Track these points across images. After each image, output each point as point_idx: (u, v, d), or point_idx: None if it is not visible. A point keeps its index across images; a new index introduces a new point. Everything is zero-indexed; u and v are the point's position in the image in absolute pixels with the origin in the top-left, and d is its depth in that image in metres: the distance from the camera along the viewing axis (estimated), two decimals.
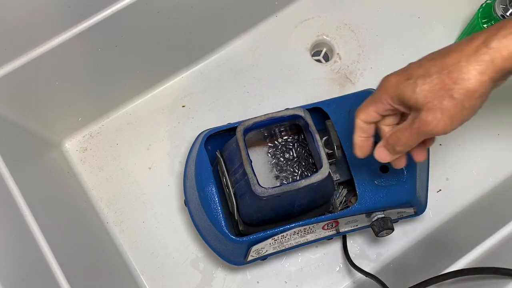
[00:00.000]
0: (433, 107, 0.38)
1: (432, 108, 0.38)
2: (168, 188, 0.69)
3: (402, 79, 0.40)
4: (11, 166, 0.54)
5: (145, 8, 0.61)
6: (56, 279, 0.50)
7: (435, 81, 0.38)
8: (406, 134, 0.41)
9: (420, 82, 0.39)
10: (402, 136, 0.41)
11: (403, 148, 0.42)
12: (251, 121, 0.52)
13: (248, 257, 0.56)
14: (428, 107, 0.38)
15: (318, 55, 0.76)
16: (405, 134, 0.41)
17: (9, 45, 0.56)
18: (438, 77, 0.38)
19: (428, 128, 0.39)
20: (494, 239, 0.49)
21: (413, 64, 0.41)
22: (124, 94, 0.72)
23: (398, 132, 0.42)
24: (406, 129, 0.41)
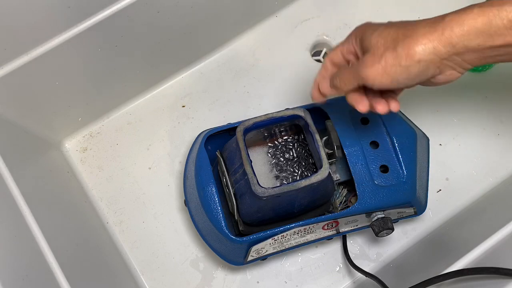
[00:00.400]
0: (376, 53, 0.41)
1: (375, 53, 0.41)
2: (168, 188, 0.69)
3: (371, 23, 0.44)
4: (11, 166, 0.54)
5: (145, 8, 0.61)
6: (56, 279, 0.50)
7: (392, 31, 0.41)
8: (345, 72, 0.44)
9: (381, 28, 0.42)
10: (341, 73, 0.44)
11: (338, 83, 0.45)
12: (251, 121, 0.52)
13: (248, 257, 0.56)
14: (373, 51, 0.41)
15: (318, 55, 0.76)
16: (344, 72, 0.44)
17: (9, 45, 0.56)
18: (395, 31, 0.40)
19: (363, 70, 0.41)
20: (494, 239, 0.49)
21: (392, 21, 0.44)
22: (124, 94, 0.72)
23: (341, 69, 0.45)
24: (346, 68, 0.44)
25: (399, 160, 0.56)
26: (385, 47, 0.40)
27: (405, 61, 0.39)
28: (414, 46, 0.39)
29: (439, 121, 0.70)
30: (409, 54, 0.39)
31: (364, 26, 0.45)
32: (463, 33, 0.38)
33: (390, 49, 0.40)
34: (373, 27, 0.43)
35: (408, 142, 0.57)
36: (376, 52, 0.41)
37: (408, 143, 0.57)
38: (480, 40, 0.38)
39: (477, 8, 0.38)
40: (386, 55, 0.40)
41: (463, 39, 0.38)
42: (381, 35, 0.41)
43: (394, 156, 0.56)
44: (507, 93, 0.71)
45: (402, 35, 0.40)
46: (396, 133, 0.57)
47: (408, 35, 0.39)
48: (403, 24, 0.41)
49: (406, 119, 0.60)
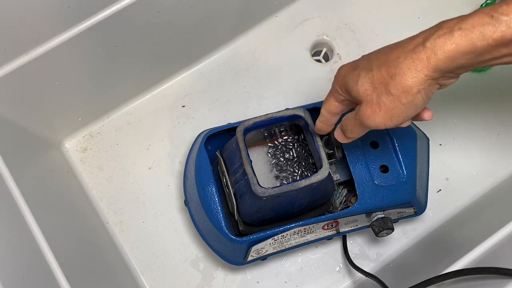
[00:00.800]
0: (371, 101, 0.40)
1: (370, 102, 0.40)
2: (168, 188, 0.69)
3: (349, 69, 0.42)
4: (11, 166, 0.54)
5: (145, 8, 0.61)
6: (56, 279, 0.50)
7: (375, 75, 0.39)
8: (351, 123, 0.44)
9: (362, 74, 0.40)
10: (349, 124, 0.44)
11: (351, 135, 0.45)
12: (251, 121, 0.52)
13: (248, 257, 0.56)
14: (367, 100, 0.40)
15: (318, 55, 0.76)
16: (351, 123, 0.44)
17: (9, 45, 0.56)
18: (378, 72, 0.39)
19: (367, 121, 0.41)
20: (494, 239, 0.49)
21: (364, 56, 0.42)
22: (124, 94, 0.72)
23: (346, 120, 0.44)
24: (351, 119, 0.43)
25: (399, 160, 0.56)
26: (377, 92, 0.39)
27: (405, 99, 0.38)
28: (406, 81, 0.37)
29: (439, 121, 0.70)
30: (406, 91, 0.38)
31: (343, 76, 0.43)
32: (449, 58, 0.36)
33: (383, 93, 0.39)
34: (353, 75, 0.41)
35: (408, 142, 0.57)
36: (370, 100, 0.39)
37: (408, 143, 0.57)
38: (468, 59, 0.36)
39: (457, 32, 0.36)
40: (383, 101, 0.39)
41: (451, 63, 0.37)
42: (365, 82, 0.40)
43: (394, 156, 0.56)
44: (507, 93, 0.71)
45: (387, 75, 0.38)
46: (396, 133, 0.57)
47: (394, 73, 0.38)
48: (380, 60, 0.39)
49: None
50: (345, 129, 0.45)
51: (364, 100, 0.40)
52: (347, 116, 0.44)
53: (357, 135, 0.45)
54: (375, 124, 0.41)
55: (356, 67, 0.41)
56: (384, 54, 0.40)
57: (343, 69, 0.43)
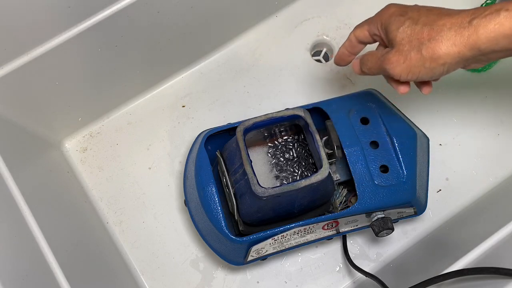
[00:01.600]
0: (401, 51, 0.41)
1: (400, 51, 0.41)
2: (168, 188, 0.69)
3: (397, 12, 0.43)
4: (11, 166, 0.54)
5: (145, 8, 0.61)
6: (56, 279, 0.50)
7: (417, 29, 0.40)
8: (372, 60, 0.45)
9: (407, 23, 0.41)
10: (370, 60, 0.45)
11: (367, 71, 0.46)
12: (251, 121, 0.52)
13: (248, 257, 0.56)
14: (398, 49, 0.41)
15: (318, 55, 0.76)
16: (372, 60, 0.45)
17: (9, 45, 0.56)
18: (421, 28, 0.40)
19: (388, 66, 0.42)
20: (494, 239, 0.49)
21: (416, 6, 0.43)
22: (124, 94, 0.72)
23: (369, 55, 0.46)
24: (373, 56, 0.45)
25: (399, 160, 0.56)
26: (410, 46, 0.40)
27: (429, 64, 0.40)
28: (439, 50, 0.39)
29: (439, 121, 0.70)
30: (434, 58, 0.39)
31: (389, 15, 0.44)
32: (490, 38, 0.37)
33: (415, 50, 0.40)
34: (398, 20, 0.42)
35: (408, 142, 0.57)
36: (401, 49, 0.41)
37: (408, 143, 0.57)
38: (506, 43, 0.37)
39: (503, 12, 0.37)
40: (411, 56, 0.40)
41: (490, 44, 0.38)
42: (406, 31, 0.41)
43: (394, 156, 0.56)
44: (507, 93, 0.71)
45: (428, 35, 0.39)
46: (396, 133, 0.57)
47: (433, 37, 0.39)
48: (429, 19, 0.40)
49: (406, 119, 0.60)
50: (365, 62, 0.46)
51: (395, 47, 0.42)
52: (372, 52, 0.46)
53: (371, 73, 0.46)
54: (393, 72, 0.42)
55: (404, 13, 0.42)
56: (434, 15, 0.41)
57: (391, 8, 0.44)
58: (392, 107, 0.60)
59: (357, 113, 0.58)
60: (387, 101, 0.60)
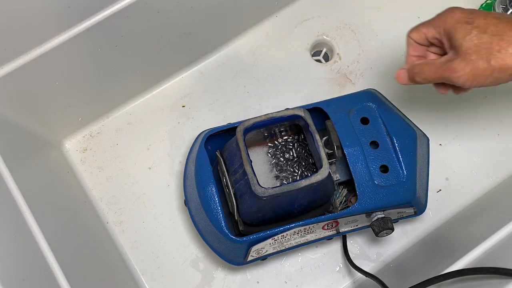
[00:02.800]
0: (468, 60, 0.40)
1: (467, 60, 0.41)
2: (168, 188, 0.69)
3: (463, 19, 0.42)
4: (11, 166, 0.54)
5: (145, 8, 0.61)
6: (56, 279, 0.50)
7: (485, 39, 0.40)
8: (432, 70, 0.44)
9: (474, 32, 0.41)
10: (427, 70, 0.44)
11: (422, 80, 0.45)
12: (251, 121, 0.52)
13: (248, 257, 0.56)
14: (465, 58, 0.41)
15: (318, 55, 0.76)
16: (431, 70, 0.44)
17: (9, 45, 0.56)
18: (490, 38, 0.40)
19: (452, 75, 0.42)
20: (494, 239, 0.49)
21: (482, 12, 0.42)
22: (124, 94, 0.72)
23: (426, 65, 0.44)
24: (434, 65, 0.43)
25: (399, 160, 0.56)
26: (478, 56, 0.40)
27: (497, 74, 0.40)
28: (509, 61, 0.39)
29: (439, 121, 0.70)
30: (503, 69, 0.40)
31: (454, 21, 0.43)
32: None
33: (483, 59, 0.40)
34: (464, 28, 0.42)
35: (408, 142, 0.57)
36: (467, 58, 0.41)
37: (408, 143, 0.57)
38: None
39: None
40: (479, 65, 0.40)
41: None
42: (473, 40, 0.41)
43: (394, 156, 0.56)
44: (507, 93, 0.71)
45: (497, 46, 0.39)
46: (396, 133, 0.57)
47: (504, 47, 0.39)
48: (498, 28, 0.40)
49: (406, 119, 0.60)
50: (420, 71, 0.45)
51: (461, 55, 0.41)
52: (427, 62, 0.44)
53: (427, 82, 0.45)
54: (458, 81, 0.42)
55: (471, 21, 0.41)
56: (503, 24, 0.40)
57: (456, 14, 0.43)
58: (392, 107, 0.60)
59: (357, 113, 0.58)
60: (387, 101, 0.60)
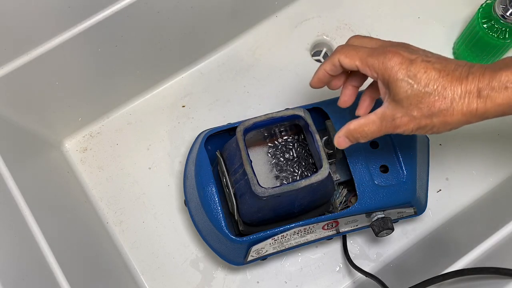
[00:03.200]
0: (410, 116, 0.41)
1: (409, 116, 0.41)
2: (168, 188, 0.69)
3: (402, 67, 0.41)
4: (11, 166, 0.54)
5: (145, 8, 0.61)
6: (56, 279, 0.50)
7: (427, 97, 0.40)
8: (374, 129, 0.43)
9: (416, 87, 0.40)
10: (369, 131, 0.44)
11: (366, 140, 0.45)
12: (251, 121, 0.52)
13: (248, 257, 0.56)
14: (406, 113, 0.41)
15: (318, 55, 0.76)
16: (373, 129, 0.43)
17: (9, 45, 0.56)
18: (431, 96, 0.40)
19: (396, 130, 0.42)
20: (494, 239, 0.49)
21: (422, 61, 0.41)
22: (124, 94, 0.72)
23: (366, 127, 0.44)
24: (374, 124, 0.43)
25: (399, 160, 0.56)
26: (420, 112, 0.40)
27: (437, 129, 0.41)
28: (450, 120, 0.40)
29: None
30: (444, 125, 0.41)
31: (391, 68, 0.41)
32: (498, 110, 0.39)
33: (425, 117, 0.40)
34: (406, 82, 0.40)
35: (408, 142, 0.57)
36: (410, 113, 0.41)
37: (408, 143, 0.57)
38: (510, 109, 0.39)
39: (510, 84, 0.38)
40: (421, 121, 0.41)
41: (496, 114, 0.39)
42: (414, 96, 0.40)
43: (394, 156, 0.56)
44: None
45: (439, 105, 0.39)
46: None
47: (445, 108, 0.40)
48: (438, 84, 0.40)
49: None
50: (361, 135, 0.44)
51: (402, 110, 0.41)
52: (366, 123, 0.43)
53: (373, 138, 0.45)
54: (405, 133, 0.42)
55: (413, 75, 0.40)
56: (443, 78, 0.40)
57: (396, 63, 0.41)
58: None
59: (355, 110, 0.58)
60: None
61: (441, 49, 0.74)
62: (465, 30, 0.70)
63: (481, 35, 0.65)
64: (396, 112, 0.41)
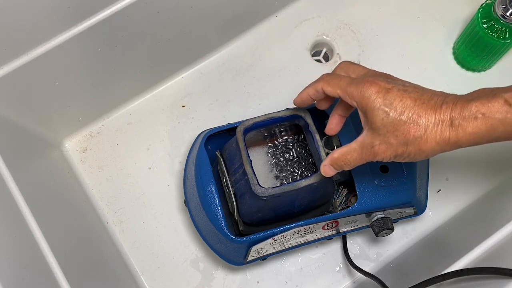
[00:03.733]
0: (388, 144, 0.42)
1: (386, 143, 0.42)
2: (168, 188, 0.69)
3: (379, 96, 0.42)
4: (11, 166, 0.54)
5: (145, 8, 0.61)
6: (56, 279, 0.50)
7: (403, 125, 0.41)
8: (356, 157, 0.45)
9: (391, 114, 0.41)
10: (351, 159, 0.45)
11: (350, 168, 0.46)
12: (251, 121, 0.52)
13: (248, 257, 0.56)
14: (384, 141, 0.42)
15: (318, 55, 0.76)
16: (355, 157, 0.45)
17: (9, 45, 0.56)
18: (407, 124, 0.41)
19: (376, 157, 0.44)
20: (494, 239, 0.49)
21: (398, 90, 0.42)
22: (124, 94, 0.72)
23: (348, 155, 0.45)
24: (355, 152, 0.45)
25: None
26: (396, 140, 0.42)
27: (413, 156, 0.42)
28: (424, 148, 0.41)
29: None
30: (419, 153, 0.42)
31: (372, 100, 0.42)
32: (470, 139, 0.40)
33: (401, 144, 0.42)
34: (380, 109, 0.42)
35: None
36: (388, 141, 0.42)
37: None
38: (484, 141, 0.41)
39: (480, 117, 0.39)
40: (398, 148, 0.42)
41: (469, 143, 0.41)
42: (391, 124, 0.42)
43: None
44: None
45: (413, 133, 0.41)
46: None
47: (419, 135, 0.41)
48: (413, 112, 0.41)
49: None
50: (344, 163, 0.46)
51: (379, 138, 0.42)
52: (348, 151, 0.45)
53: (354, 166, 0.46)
54: (383, 160, 0.44)
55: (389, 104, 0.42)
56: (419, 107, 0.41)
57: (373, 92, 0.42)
58: None
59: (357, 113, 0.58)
60: None
61: (441, 49, 0.74)
62: (465, 30, 0.70)
63: (481, 35, 0.65)
64: (374, 140, 0.43)
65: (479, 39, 0.66)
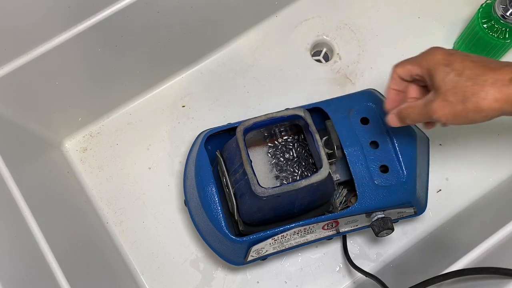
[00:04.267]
0: (447, 101, 0.44)
1: (445, 101, 0.44)
2: (168, 188, 0.69)
3: (443, 61, 0.45)
4: (11, 166, 0.54)
5: (145, 8, 0.61)
6: (56, 279, 0.50)
7: (461, 82, 0.43)
8: (417, 112, 0.47)
9: (452, 75, 0.44)
10: (413, 113, 0.48)
11: (411, 122, 0.49)
12: (251, 121, 0.52)
13: (248, 257, 0.56)
14: (443, 99, 0.44)
15: (318, 55, 0.76)
16: (416, 112, 0.47)
17: (9, 45, 0.56)
18: (466, 81, 0.43)
19: (433, 115, 0.45)
20: (494, 239, 0.49)
21: (461, 54, 0.45)
22: (124, 94, 0.72)
23: (411, 109, 0.48)
24: (417, 108, 0.47)
25: (399, 160, 0.56)
26: (455, 98, 0.43)
27: (472, 115, 0.43)
28: (482, 105, 0.42)
29: None
30: (477, 111, 0.43)
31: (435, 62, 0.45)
32: None
33: (459, 101, 0.43)
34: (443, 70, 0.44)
35: (408, 142, 0.57)
36: (446, 99, 0.44)
37: (408, 143, 0.57)
38: None
39: None
40: (456, 106, 0.43)
41: None
42: (451, 82, 0.44)
43: (394, 156, 0.56)
44: None
45: (472, 90, 0.42)
46: (396, 133, 0.57)
47: (477, 92, 0.42)
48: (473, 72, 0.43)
49: None
50: (407, 115, 0.48)
51: (440, 96, 0.44)
52: (411, 104, 0.48)
53: (416, 122, 0.49)
54: (440, 120, 0.45)
55: (449, 63, 0.44)
56: (478, 68, 0.43)
57: (437, 55, 0.46)
58: None
59: (357, 113, 0.58)
60: None
61: None
62: (465, 30, 0.70)
63: (481, 35, 0.65)
64: (436, 97, 0.45)
65: (479, 39, 0.66)
